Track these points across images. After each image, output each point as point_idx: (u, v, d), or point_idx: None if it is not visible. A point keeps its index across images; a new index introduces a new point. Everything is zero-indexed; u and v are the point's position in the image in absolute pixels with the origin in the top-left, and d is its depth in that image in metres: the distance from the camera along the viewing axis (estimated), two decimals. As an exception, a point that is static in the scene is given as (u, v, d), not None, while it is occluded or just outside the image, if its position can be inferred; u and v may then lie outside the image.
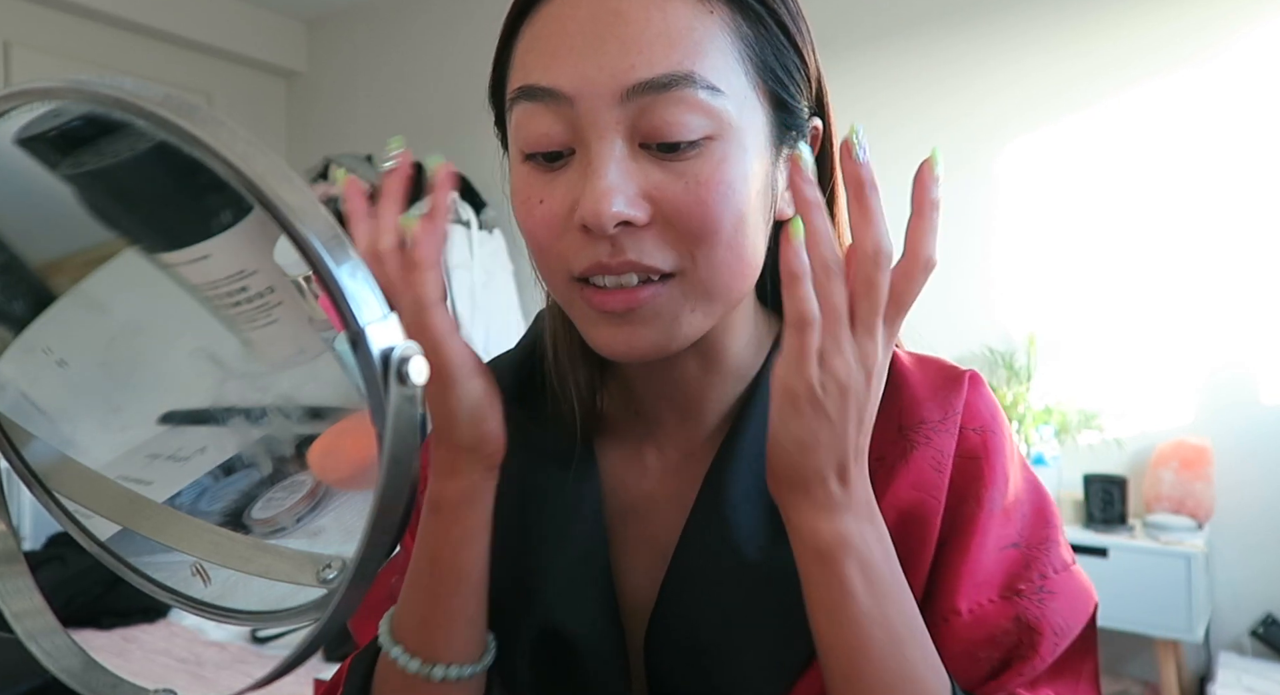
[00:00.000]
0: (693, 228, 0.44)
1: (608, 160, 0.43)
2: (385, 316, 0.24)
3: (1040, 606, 0.48)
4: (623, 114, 0.43)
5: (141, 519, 0.38)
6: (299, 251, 0.24)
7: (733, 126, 0.44)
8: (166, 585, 0.38)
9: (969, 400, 0.53)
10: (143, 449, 0.38)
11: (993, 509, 0.50)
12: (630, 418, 0.58)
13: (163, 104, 0.24)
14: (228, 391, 0.36)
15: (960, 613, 0.48)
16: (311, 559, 0.34)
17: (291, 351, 0.34)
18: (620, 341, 0.47)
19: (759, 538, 0.50)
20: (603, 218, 0.43)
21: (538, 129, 0.45)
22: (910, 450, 0.51)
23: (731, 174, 0.44)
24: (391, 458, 0.25)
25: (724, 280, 0.46)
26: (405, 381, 0.24)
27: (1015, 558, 0.50)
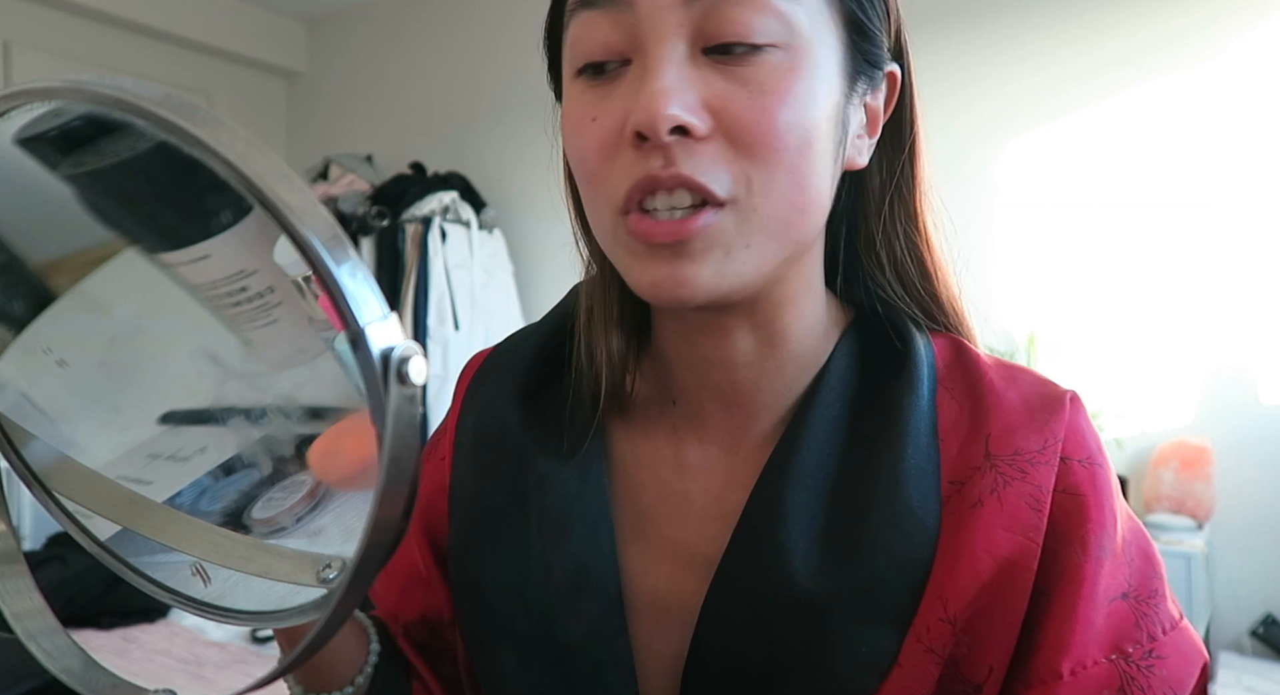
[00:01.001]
0: (755, 141, 0.40)
1: (666, 63, 0.40)
2: (385, 316, 0.24)
3: (1148, 675, 0.42)
4: (686, 16, 0.40)
5: (141, 519, 0.38)
6: (299, 251, 0.24)
7: (805, 38, 0.41)
8: (166, 585, 0.38)
9: (1071, 426, 0.46)
10: (143, 449, 0.38)
11: (1101, 556, 0.44)
12: (666, 405, 0.52)
13: (163, 104, 0.24)
14: (228, 391, 0.36)
15: (1061, 676, 0.42)
16: (311, 559, 0.34)
17: (291, 351, 0.34)
18: (667, 279, 0.41)
19: (813, 563, 0.44)
20: (658, 121, 0.39)
21: (595, 37, 0.42)
22: (1003, 486, 0.44)
23: (800, 88, 0.41)
24: (391, 457, 0.25)
25: (784, 213, 0.42)
26: (405, 381, 0.24)
27: (1124, 612, 0.44)
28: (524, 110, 3.00)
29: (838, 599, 0.43)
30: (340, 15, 3.85)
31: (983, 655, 0.43)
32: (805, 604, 0.44)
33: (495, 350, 0.60)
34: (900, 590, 0.44)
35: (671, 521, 0.50)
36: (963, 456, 0.46)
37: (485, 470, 0.54)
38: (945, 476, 0.45)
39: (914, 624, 0.43)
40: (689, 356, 0.50)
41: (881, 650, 0.43)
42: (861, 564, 0.44)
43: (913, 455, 0.46)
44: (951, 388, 0.49)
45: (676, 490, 0.51)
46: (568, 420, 0.52)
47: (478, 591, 0.52)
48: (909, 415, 0.46)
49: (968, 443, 0.46)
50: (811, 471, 0.46)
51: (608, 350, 0.51)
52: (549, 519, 0.50)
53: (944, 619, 0.43)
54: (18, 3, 3.12)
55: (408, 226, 2.99)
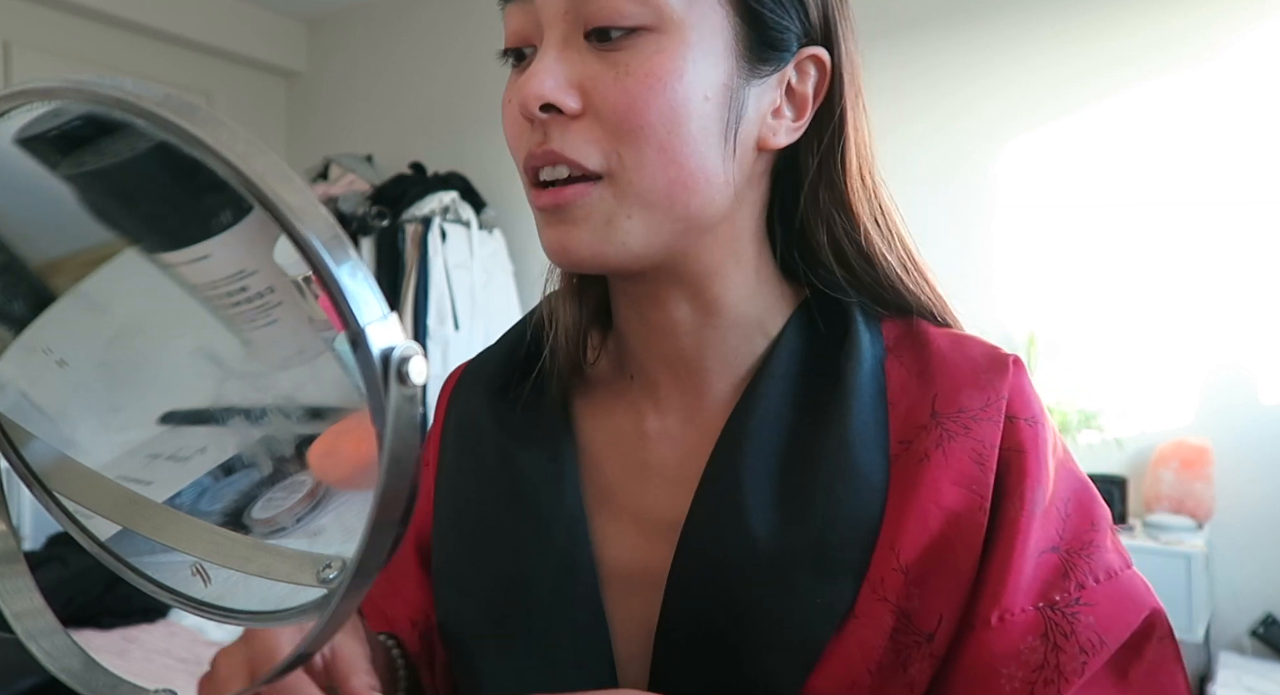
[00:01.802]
0: (619, 120, 0.43)
1: (548, 49, 0.45)
2: (385, 316, 0.24)
3: (1071, 621, 0.44)
4: (570, 4, 0.44)
5: (141, 519, 0.38)
6: (299, 251, 0.24)
7: (674, 20, 0.44)
8: (166, 585, 0.38)
9: (1015, 386, 0.49)
10: (143, 449, 0.38)
11: (1034, 510, 0.45)
12: (624, 381, 0.56)
13: (163, 104, 0.24)
14: (228, 392, 0.36)
15: (989, 622, 0.44)
16: (311, 559, 0.34)
17: (291, 351, 0.34)
18: (556, 241, 0.46)
19: (770, 522, 0.47)
20: (528, 100, 0.44)
21: (510, 26, 0.47)
22: (947, 440, 0.47)
23: (666, 69, 0.43)
24: (392, 457, 0.25)
25: (660, 186, 0.45)
26: (405, 381, 0.24)
27: (1054, 563, 0.45)
28: (524, 110, 2.99)
29: (794, 554, 0.46)
30: (340, 15, 3.85)
31: (933, 605, 0.45)
32: (765, 561, 0.46)
33: (469, 363, 0.65)
34: (853, 544, 0.46)
35: (635, 491, 0.53)
36: (910, 417, 0.48)
37: (467, 467, 0.57)
38: (895, 437, 0.48)
39: (868, 575, 0.45)
40: (638, 327, 0.54)
41: (838, 601, 0.45)
42: (815, 520, 0.46)
43: (859, 416, 0.48)
44: (901, 356, 0.52)
45: (638, 461, 0.53)
46: (539, 409, 0.56)
47: (452, 575, 0.55)
48: (853, 381, 0.49)
49: (915, 404, 0.49)
50: (765, 437, 0.49)
51: (564, 321, 0.55)
52: (522, 500, 0.53)
53: (896, 568, 0.45)
54: (18, 3, 3.12)
55: (408, 226, 2.99)
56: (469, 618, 0.53)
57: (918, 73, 2.55)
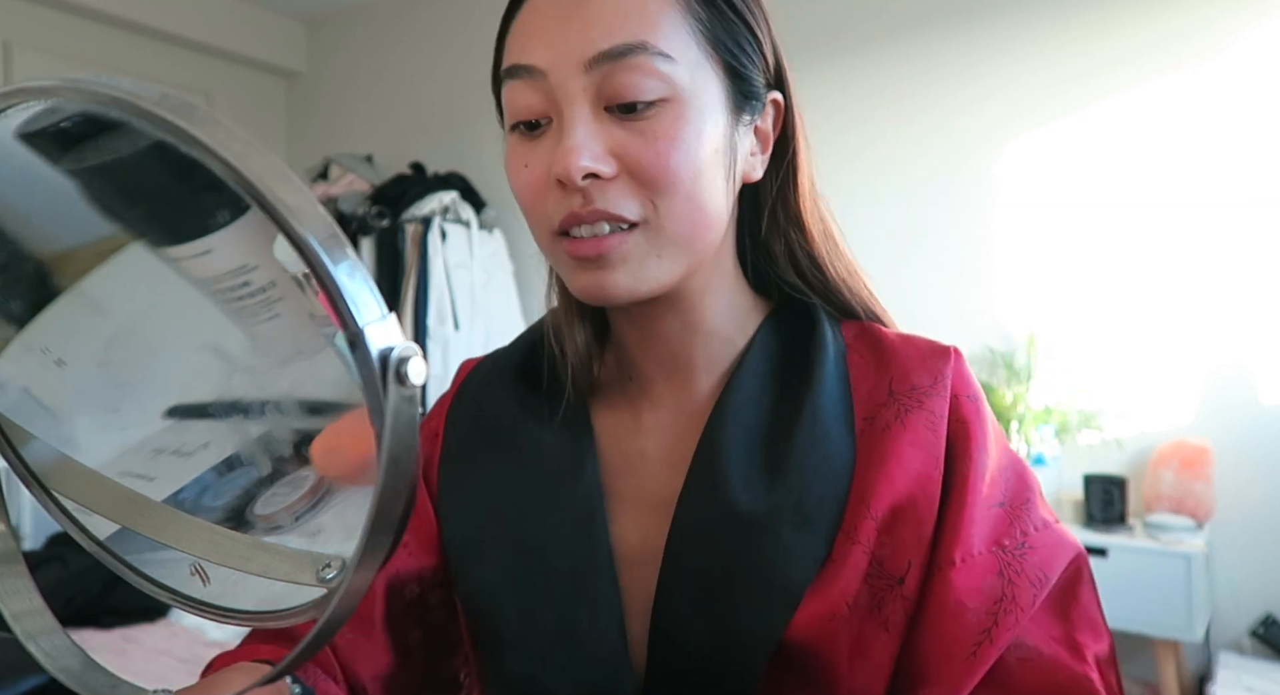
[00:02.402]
0: (653, 177, 0.50)
1: (577, 122, 0.50)
2: (384, 317, 0.24)
3: (1020, 560, 0.52)
4: (588, 82, 0.50)
5: (141, 518, 0.38)
6: (296, 251, 0.24)
7: (686, 90, 0.51)
8: (165, 584, 0.38)
9: (956, 370, 0.57)
10: (147, 444, 0.38)
11: (982, 471, 0.54)
12: (625, 382, 0.63)
13: (160, 103, 0.24)
14: (231, 387, 0.36)
15: (955, 562, 0.51)
16: (311, 558, 0.34)
17: (294, 347, 0.34)
18: (594, 284, 0.52)
19: (751, 487, 0.54)
20: (572, 170, 0.49)
21: (520, 101, 0.52)
22: (905, 413, 0.55)
23: (686, 131, 0.51)
24: (390, 458, 0.25)
25: (685, 228, 0.52)
26: (404, 382, 0.24)
27: (1001, 516, 0.54)
28: (524, 110, 2.99)
29: (775, 512, 0.53)
30: (340, 15, 3.86)
31: (902, 553, 0.52)
32: (748, 521, 0.53)
33: (487, 356, 0.71)
34: (826, 500, 0.53)
35: (636, 477, 0.60)
36: (871, 397, 0.57)
37: (483, 438, 0.64)
38: (859, 414, 0.57)
39: (842, 525, 0.53)
40: (637, 339, 0.61)
41: (815, 548, 0.52)
42: (791, 483, 0.54)
43: (826, 396, 0.56)
44: (859, 350, 0.60)
45: (637, 449, 0.61)
46: (555, 401, 0.63)
47: (475, 546, 0.60)
48: (819, 366, 0.58)
49: (874, 387, 0.57)
50: (744, 420, 0.57)
51: (574, 343, 0.63)
52: (545, 480, 0.59)
53: (869, 518, 0.53)
54: (18, 3, 3.12)
55: (408, 226, 2.99)
56: (490, 581, 0.58)
57: (918, 73, 2.55)
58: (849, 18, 2.62)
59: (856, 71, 2.59)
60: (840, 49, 2.63)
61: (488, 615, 0.58)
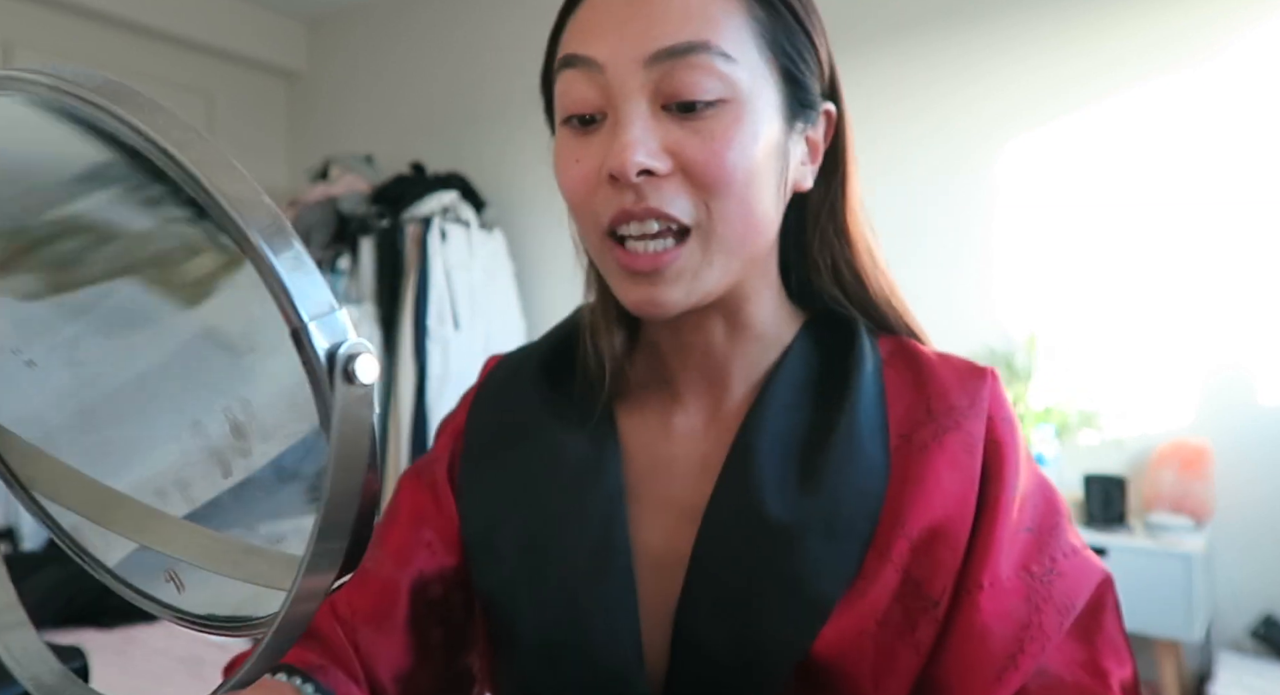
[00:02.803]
0: (708, 178, 0.49)
1: (634, 118, 0.49)
2: (332, 311, 0.23)
3: (1048, 587, 0.52)
4: (647, 78, 0.49)
5: (114, 516, 0.36)
6: (235, 242, 0.22)
7: (745, 91, 0.50)
8: (135, 586, 0.36)
9: (993, 392, 0.57)
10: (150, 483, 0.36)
11: (1012, 494, 0.53)
12: (658, 385, 0.62)
13: (98, 90, 0.23)
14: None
15: (983, 586, 0.51)
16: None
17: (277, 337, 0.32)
18: (646, 300, 0.52)
19: (784, 497, 0.53)
20: (627, 166, 0.48)
21: (574, 93, 0.51)
22: (942, 433, 0.54)
23: (743, 133, 0.50)
24: (338, 463, 0.23)
25: (738, 232, 0.51)
26: (353, 381, 0.23)
27: (1029, 541, 0.53)
28: (524, 110, 2.99)
29: (806, 524, 0.52)
30: (340, 15, 3.85)
31: (940, 575, 0.51)
32: (779, 531, 0.52)
33: (512, 352, 0.71)
34: (858, 515, 0.52)
35: (664, 481, 0.59)
36: (909, 415, 0.56)
37: (505, 438, 0.63)
38: (894, 430, 0.56)
39: (874, 542, 0.52)
40: (675, 345, 0.60)
41: (846, 563, 0.52)
42: (824, 494, 0.53)
43: (863, 411, 0.56)
44: (895, 366, 0.59)
45: (666, 454, 0.60)
46: (580, 404, 0.62)
47: (492, 546, 0.59)
48: (858, 380, 0.57)
49: (912, 405, 0.57)
50: (779, 426, 0.56)
51: (611, 346, 0.62)
52: (565, 479, 0.59)
53: (904, 536, 0.52)
54: (18, 3, 3.12)
55: (408, 226, 2.99)
56: (506, 581, 0.57)
57: (918, 72, 2.55)
58: (848, 17, 2.61)
59: (856, 71, 2.59)
60: (840, 49, 2.61)
61: (503, 614, 0.57)
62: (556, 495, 0.58)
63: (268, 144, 3.99)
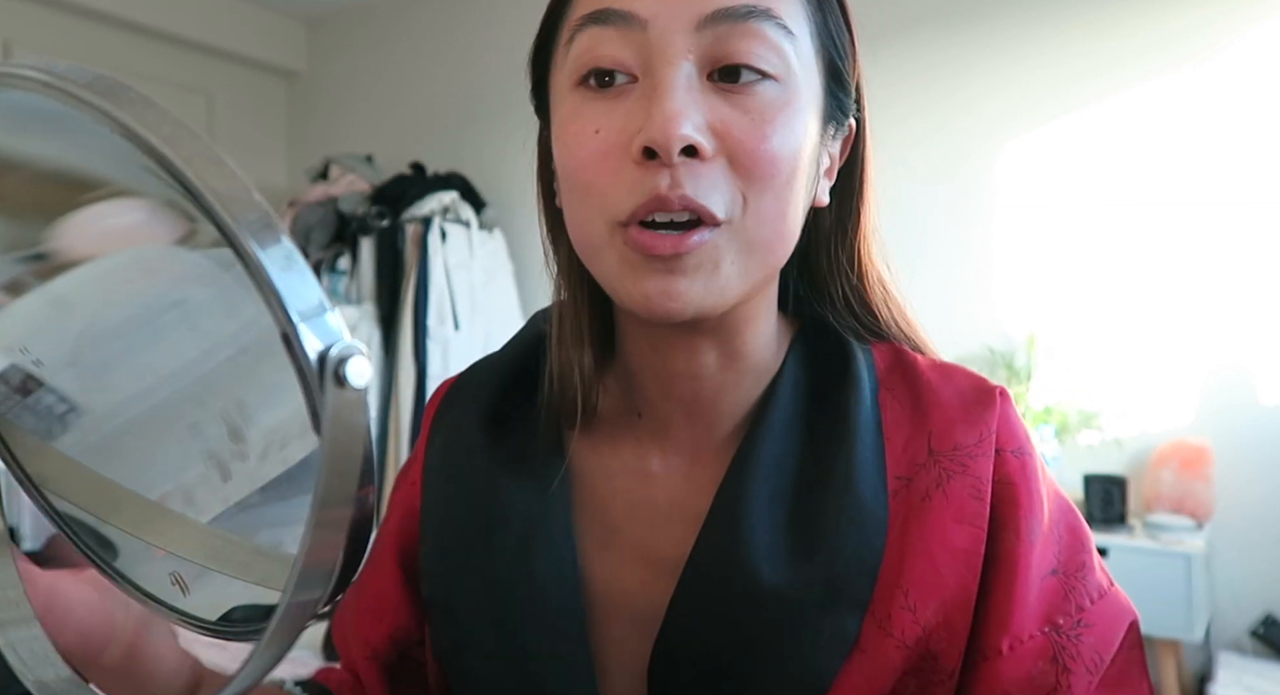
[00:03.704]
0: (753, 164, 0.43)
1: (677, 84, 0.42)
2: (323, 310, 0.22)
3: (1076, 643, 0.46)
4: (697, 41, 0.43)
5: (121, 514, 0.35)
6: (224, 238, 0.22)
7: (797, 74, 0.45)
8: (148, 591, 0.35)
9: (1002, 419, 0.50)
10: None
11: (1032, 540, 0.47)
12: (631, 419, 0.55)
13: (88, 86, 0.23)
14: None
15: (1001, 652, 0.45)
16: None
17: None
18: (660, 292, 0.43)
19: (776, 557, 0.47)
20: (671, 140, 0.41)
21: (604, 50, 0.44)
22: (946, 480, 0.48)
23: (794, 120, 0.44)
24: (330, 468, 0.22)
25: (768, 236, 0.45)
26: (344, 384, 0.22)
27: (1055, 587, 0.47)
28: (524, 110, 2.96)
29: (800, 590, 0.46)
30: (340, 15, 3.85)
31: (956, 643, 0.46)
32: (770, 596, 0.46)
33: (460, 378, 0.62)
34: (858, 578, 0.46)
35: (640, 528, 0.52)
36: (907, 453, 0.49)
37: (453, 493, 0.56)
38: (892, 471, 0.49)
39: (871, 609, 0.46)
40: (658, 369, 0.52)
41: (842, 635, 0.46)
42: (821, 556, 0.46)
43: (861, 451, 0.49)
44: (892, 388, 0.53)
45: (643, 498, 0.53)
46: (532, 441, 0.55)
47: (450, 608, 0.54)
48: (855, 413, 0.50)
49: (911, 439, 0.50)
50: (770, 469, 0.49)
51: (580, 365, 0.53)
52: (513, 537, 0.52)
53: (905, 608, 0.46)
54: (18, 3, 3.12)
55: (408, 226, 2.99)
56: (463, 655, 0.53)
57: (918, 72, 2.55)
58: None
59: (856, 71, 2.59)
60: (840, 49, 2.63)
61: (459, 678, 0.53)
62: (504, 556, 0.51)
63: (267, 144, 3.99)
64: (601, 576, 0.52)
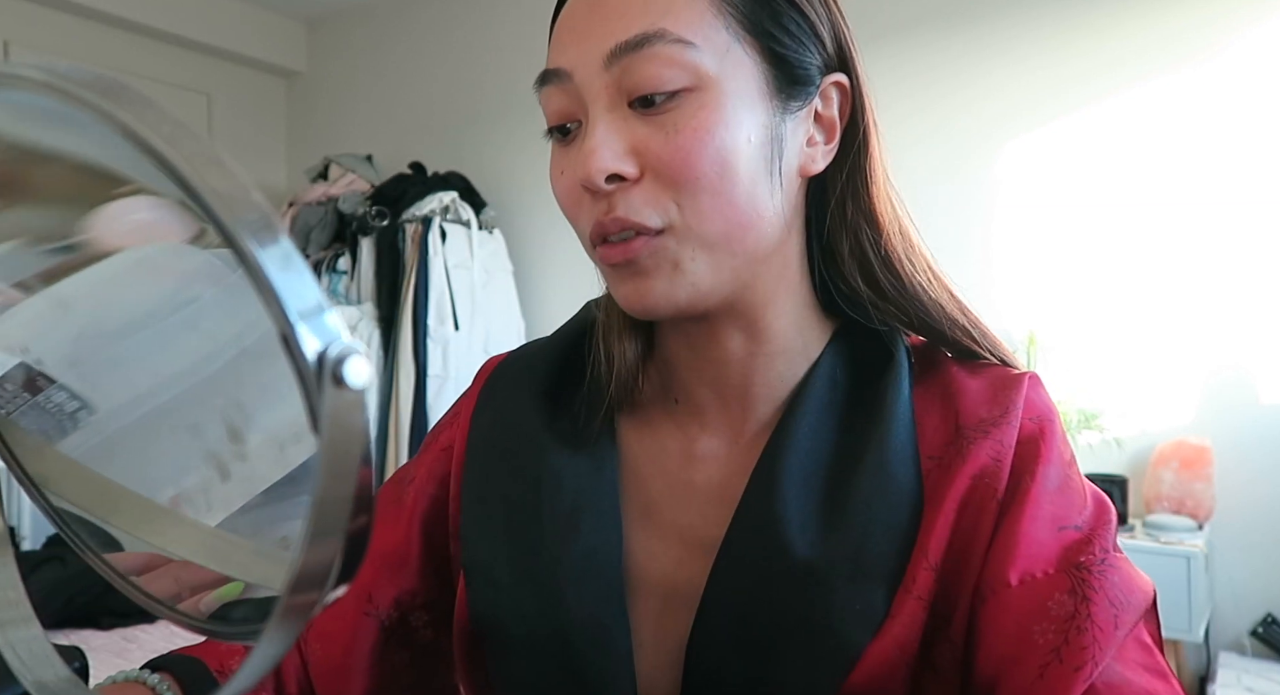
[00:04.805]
0: (674, 176, 0.47)
1: (598, 122, 0.48)
2: (322, 310, 0.22)
3: (1100, 578, 0.46)
4: (609, 79, 0.47)
5: (121, 515, 0.34)
6: (222, 237, 0.22)
7: (711, 77, 0.47)
8: (147, 590, 0.35)
9: (1029, 396, 0.52)
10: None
11: (1046, 484, 0.49)
12: (670, 405, 0.58)
13: (88, 85, 0.22)
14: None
15: (1010, 584, 0.46)
16: None
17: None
18: (632, 292, 0.49)
19: (808, 532, 0.49)
20: (592, 173, 0.47)
21: (552, 106, 0.50)
22: (968, 445, 0.50)
23: (711, 121, 0.47)
24: (328, 469, 0.22)
25: (718, 229, 0.48)
26: (342, 384, 0.22)
27: (1077, 537, 0.48)
28: (524, 110, 2.99)
29: (833, 564, 0.48)
30: (340, 15, 3.85)
31: (955, 591, 0.48)
32: (803, 570, 0.48)
33: (513, 354, 0.66)
34: (889, 553, 0.49)
35: (679, 509, 0.55)
36: (937, 435, 0.52)
37: (501, 462, 0.59)
38: (924, 452, 0.52)
39: (904, 580, 0.48)
40: (689, 358, 0.56)
41: (874, 606, 0.48)
42: (853, 531, 0.49)
43: (896, 438, 0.51)
44: (924, 381, 0.55)
45: (682, 480, 0.56)
46: (582, 419, 0.58)
47: (490, 573, 0.56)
48: (894, 407, 0.52)
49: (941, 424, 0.52)
50: (805, 454, 0.52)
51: (623, 355, 0.58)
52: (562, 508, 0.55)
53: (927, 568, 0.48)
54: (18, 3, 3.12)
55: (408, 226, 2.99)
56: (502, 619, 0.55)
57: (918, 72, 2.55)
58: (848, 17, 2.62)
59: (856, 71, 2.59)
60: (840, 49, 2.63)
61: (495, 642, 0.55)
62: (553, 526, 0.54)
63: (267, 144, 3.99)
64: (640, 554, 0.55)
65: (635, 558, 0.54)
